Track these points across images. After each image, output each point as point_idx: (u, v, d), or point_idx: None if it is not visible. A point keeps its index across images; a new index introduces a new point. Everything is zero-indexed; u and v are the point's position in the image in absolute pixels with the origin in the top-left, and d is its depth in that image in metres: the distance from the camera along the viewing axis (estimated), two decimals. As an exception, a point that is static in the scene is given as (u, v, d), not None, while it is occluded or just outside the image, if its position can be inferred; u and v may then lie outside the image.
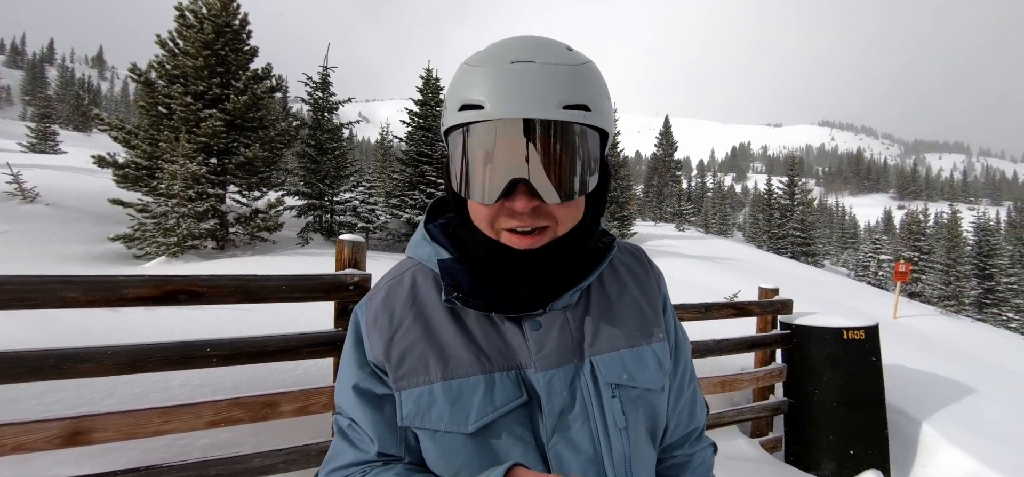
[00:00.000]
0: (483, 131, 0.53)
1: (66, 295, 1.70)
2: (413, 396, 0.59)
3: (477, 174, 0.54)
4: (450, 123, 0.56)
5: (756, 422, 3.43)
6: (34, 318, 2.73)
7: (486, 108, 0.52)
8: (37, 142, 22.15)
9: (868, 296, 11.49)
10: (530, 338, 0.60)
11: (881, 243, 30.40)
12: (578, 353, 0.61)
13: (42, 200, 7.53)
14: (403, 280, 0.66)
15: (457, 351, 0.59)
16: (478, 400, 0.57)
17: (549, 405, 0.58)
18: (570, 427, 0.59)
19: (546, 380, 0.59)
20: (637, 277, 0.71)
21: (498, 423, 0.57)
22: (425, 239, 0.67)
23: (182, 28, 7.95)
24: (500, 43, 0.57)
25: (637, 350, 0.64)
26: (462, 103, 0.54)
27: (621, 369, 0.62)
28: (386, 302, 0.64)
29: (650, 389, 0.64)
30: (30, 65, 75.17)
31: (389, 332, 0.61)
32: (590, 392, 0.60)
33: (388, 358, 0.60)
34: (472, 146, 0.54)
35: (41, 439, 1.70)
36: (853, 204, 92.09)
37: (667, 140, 35.90)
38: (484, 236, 0.60)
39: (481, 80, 0.53)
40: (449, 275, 0.61)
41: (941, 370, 4.81)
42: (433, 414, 0.58)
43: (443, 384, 0.58)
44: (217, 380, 2.39)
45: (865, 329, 3.27)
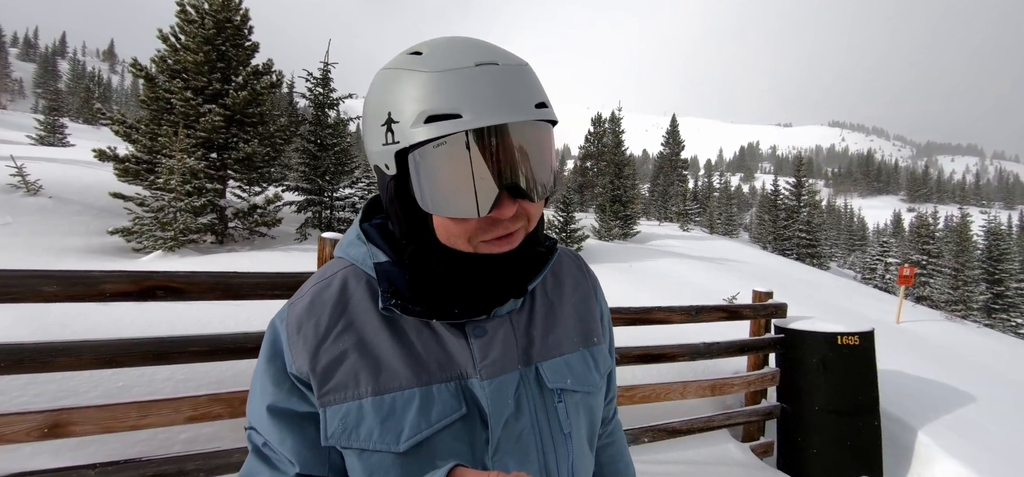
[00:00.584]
0: (464, 142, 0.48)
1: (44, 290, 1.70)
2: (340, 413, 0.54)
3: (463, 188, 0.49)
4: (413, 139, 0.49)
5: (747, 426, 3.39)
6: (26, 311, 2.76)
7: (465, 117, 0.47)
8: (45, 135, 22.43)
9: (872, 300, 11.36)
10: (474, 345, 0.57)
11: (889, 246, 30.05)
12: (524, 359, 0.59)
13: (45, 192, 7.61)
14: (332, 284, 0.60)
15: (391, 362, 0.55)
16: (412, 415, 0.54)
17: (495, 415, 0.56)
18: (516, 437, 0.57)
19: (493, 388, 0.56)
20: (576, 281, 0.71)
21: (433, 440, 0.54)
22: (360, 239, 0.62)
23: (183, 23, 7.99)
24: (441, 46, 0.51)
25: (580, 353, 0.64)
26: (433, 113, 0.48)
27: (566, 373, 0.62)
28: (311, 308, 0.58)
29: (590, 392, 0.64)
30: (42, 58, 76.12)
31: (314, 342, 0.56)
32: (536, 400, 0.59)
33: (313, 370, 0.55)
34: (453, 160, 0.48)
35: (21, 430, 1.71)
36: (862, 206, 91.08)
37: (674, 139, 35.67)
38: (450, 250, 0.55)
39: (449, 87, 0.48)
40: (386, 279, 0.57)
41: (942, 377, 4.73)
42: (361, 432, 0.54)
43: (373, 399, 0.54)
44: (200, 376, 2.39)
45: (860, 334, 3.23)
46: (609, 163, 22.05)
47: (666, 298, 6.20)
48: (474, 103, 0.48)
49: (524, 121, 0.50)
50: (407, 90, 0.50)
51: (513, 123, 0.49)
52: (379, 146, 0.53)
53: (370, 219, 0.66)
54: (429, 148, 0.49)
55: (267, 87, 8.50)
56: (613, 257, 10.84)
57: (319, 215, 10.23)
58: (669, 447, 2.99)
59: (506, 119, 0.49)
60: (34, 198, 7.42)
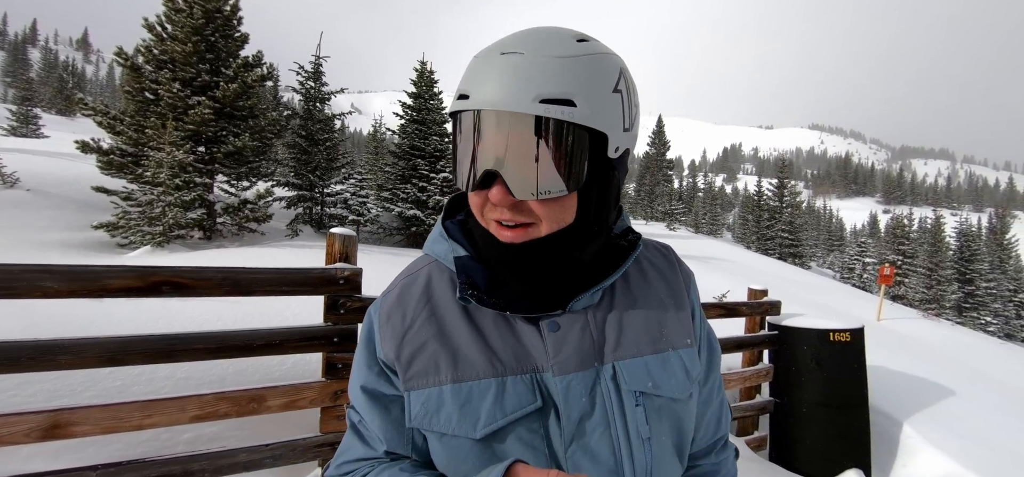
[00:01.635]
0: (466, 121, 0.53)
1: (45, 285, 1.65)
2: (422, 397, 0.58)
3: (462, 162, 0.55)
4: (451, 109, 0.56)
5: (742, 421, 3.47)
6: (18, 307, 2.66)
7: (470, 98, 0.52)
8: (18, 125, 21.59)
9: (853, 298, 11.69)
10: (548, 340, 0.58)
11: (866, 246, 30.94)
12: (599, 357, 0.58)
13: (22, 185, 7.34)
14: (417, 278, 0.65)
15: (469, 353, 0.58)
16: (488, 404, 0.55)
17: (567, 411, 0.56)
18: (589, 435, 0.56)
19: (565, 384, 0.56)
20: (665, 277, 0.67)
21: (508, 429, 0.55)
22: (442, 236, 0.65)
23: (171, 12, 7.77)
24: (510, 35, 0.56)
25: (663, 356, 0.61)
26: (458, 91, 0.55)
27: (646, 376, 0.59)
28: (399, 300, 0.63)
29: (675, 398, 0.61)
30: (12, 46, 73.07)
31: (401, 331, 0.61)
32: (611, 399, 0.57)
33: (399, 357, 0.60)
34: (459, 134, 0.55)
35: (18, 432, 1.65)
36: (840, 207, 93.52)
37: (659, 139, 36.08)
38: (485, 230, 0.59)
39: (471, 71, 0.54)
40: (465, 273, 0.60)
41: (922, 372, 4.91)
42: (441, 417, 0.57)
43: (453, 386, 0.57)
44: (202, 374, 2.35)
45: (850, 331, 3.33)
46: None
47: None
48: (478, 88, 0.52)
49: (516, 113, 0.49)
50: (465, 70, 0.56)
51: (502, 112, 0.50)
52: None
53: (451, 216, 0.69)
54: (454, 120, 0.56)
55: (258, 80, 8.33)
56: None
57: (310, 211, 10.07)
58: (668, 442, 3.04)
59: (495, 107, 0.50)
60: (11, 191, 7.15)
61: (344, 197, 10.37)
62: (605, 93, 0.53)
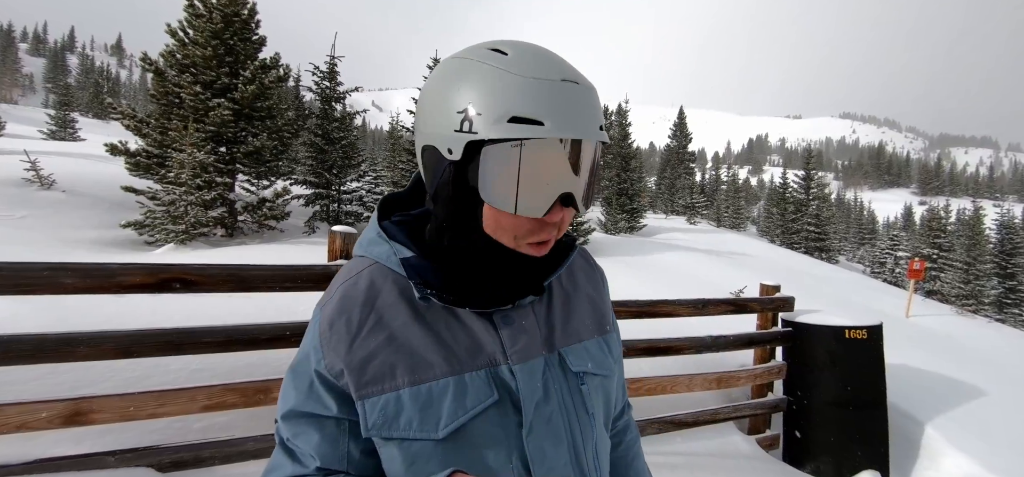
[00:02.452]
0: (540, 147, 0.52)
1: (63, 281, 1.75)
2: (379, 404, 0.57)
3: (527, 188, 0.53)
4: (497, 134, 0.52)
5: (753, 419, 3.40)
6: (42, 302, 2.82)
7: (546, 125, 0.51)
8: (57, 129, 22.69)
9: (881, 294, 11.26)
10: (503, 333, 0.60)
11: (899, 239, 29.66)
12: (547, 345, 0.63)
13: (58, 186, 7.74)
14: (358, 282, 0.62)
15: (424, 353, 0.58)
16: (448, 403, 0.56)
17: (528, 398, 0.59)
18: (547, 419, 0.60)
19: (524, 372, 0.59)
20: (586, 273, 0.75)
21: (469, 426, 0.57)
22: (381, 237, 0.64)
23: (192, 17, 8.04)
24: (527, 53, 0.55)
25: (597, 340, 0.69)
26: (516, 115, 0.51)
27: (586, 358, 0.66)
28: (342, 306, 0.60)
29: (607, 376, 0.69)
30: (51, 53, 76.87)
31: (348, 338, 0.58)
32: (561, 383, 0.62)
33: (348, 366, 0.58)
34: (527, 160, 0.52)
35: (43, 419, 1.76)
36: (872, 199, 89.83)
37: (681, 131, 35.34)
38: (491, 242, 0.59)
39: (536, 95, 0.52)
40: (416, 272, 0.60)
41: (950, 371, 4.70)
42: (401, 422, 0.56)
43: (411, 389, 0.57)
44: (213, 366, 2.44)
45: (868, 328, 3.22)
46: (615, 156, 21.93)
47: (672, 292, 6.19)
48: (556, 115, 0.52)
49: (590, 140, 0.54)
50: (494, 86, 0.53)
51: (584, 140, 0.54)
52: (448, 131, 0.54)
53: (387, 217, 0.68)
54: (507, 146, 0.52)
55: (275, 81, 8.54)
56: (619, 251, 10.82)
57: (327, 208, 10.30)
58: (675, 439, 3.01)
59: (580, 136, 0.53)
60: (48, 192, 7.55)
61: (360, 194, 10.55)
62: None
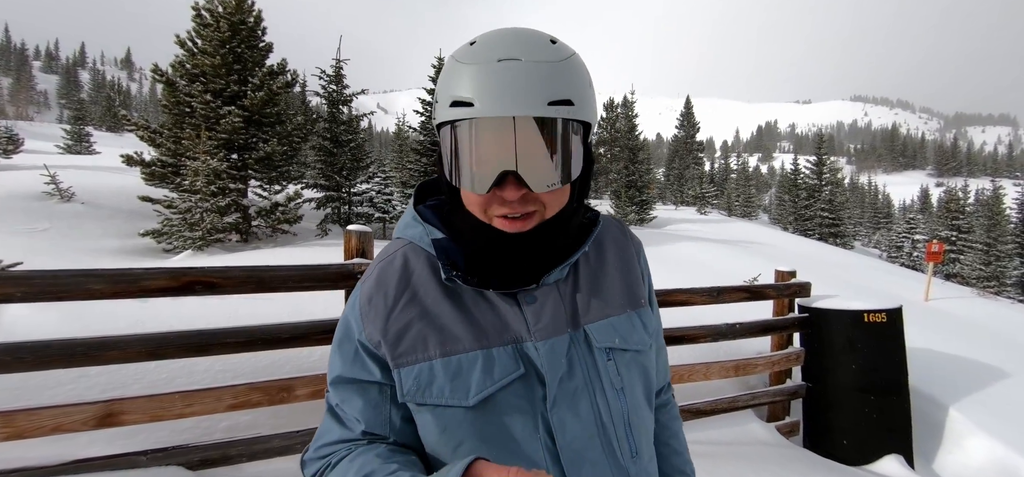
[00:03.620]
0: (473, 127, 0.56)
1: (91, 287, 1.80)
2: (413, 373, 0.61)
3: (468, 166, 0.57)
4: (441, 118, 0.58)
5: (772, 406, 3.38)
6: (68, 309, 2.90)
7: (476, 106, 0.54)
8: (73, 144, 23.19)
9: (899, 278, 11.06)
10: (527, 311, 0.63)
11: (916, 222, 29.06)
12: (573, 323, 0.65)
13: (78, 199, 7.93)
14: (394, 261, 0.67)
15: (454, 328, 0.61)
16: (477, 374, 0.60)
17: (550, 373, 0.61)
18: (570, 394, 0.62)
19: (546, 349, 0.62)
20: (619, 246, 0.75)
21: (497, 396, 0.60)
22: (416, 220, 0.69)
23: (199, 27, 8.16)
24: (487, 38, 0.58)
25: (626, 316, 0.69)
26: (452, 99, 0.56)
27: (613, 333, 0.67)
28: (379, 282, 0.65)
29: (640, 351, 0.69)
30: (64, 69, 78.48)
31: (384, 312, 0.63)
32: (586, 358, 0.64)
33: (385, 337, 0.62)
34: (462, 140, 0.56)
35: (77, 421, 1.82)
36: (887, 182, 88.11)
37: (688, 121, 35.00)
38: (477, 220, 0.62)
39: (470, 78, 0.55)
40: (445, 253, 0.64)
41: (972, 354, 4.62)
42: (434, 390, 0.60)
43: (442, 360, 0.60)
44: (237, 366, 2.49)
45: (887, 312, 3.17)
46: (623, 148, 21.79)
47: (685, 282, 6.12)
48: (486, 95, 0.54)
49: (529, 115, 0.54)
50: (449, 76, 0.58)
51: (519, 117, 0.54)
52: (436, 117, 0.61)
53: (423, 201, 0.72)
54: (449, 128, 0.58)
55: (282, 87, 8.64)
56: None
57: (338, 211, 10.40)
58: (693, 428, 3.00)
59: (510, 113, 0.54)
60: (68, 204, 7.74)
61: (370, 196, 10.64)
62: (588, 90, 0.61)
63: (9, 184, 7.99)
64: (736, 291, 3.17)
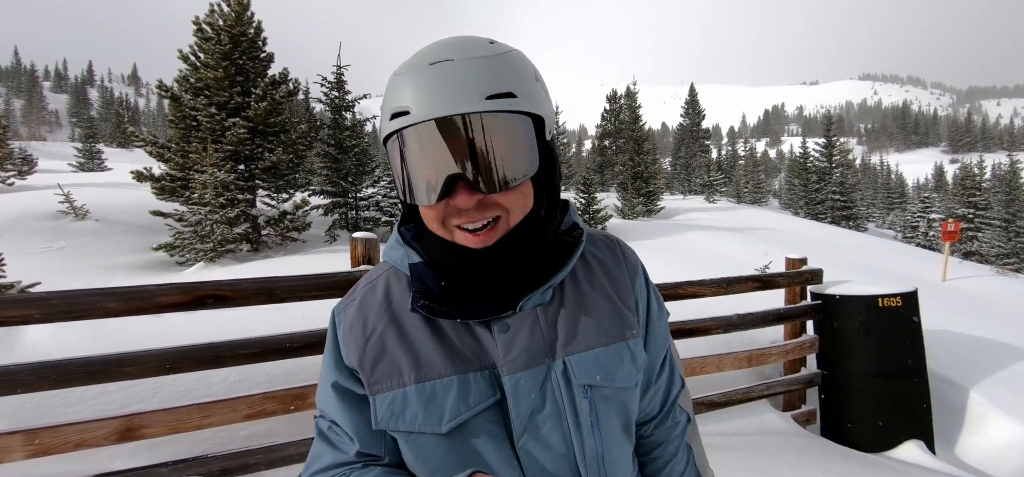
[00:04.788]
0: (413, 134, 0.54)
1: (106, 306, 1.83)
2: (387, 400, 0.60)
3: (417, 177, 0.55)
4: (385, 132, 0.56)
5: (787, 396, 3.34)
6: (86, 326, 2.96)
7: (412, 112, 0.53)
8: (85, 161, 23.62)
9: (915, 259, 10.87)
10: (498, 340, 0.60)
11: (931, 201, 28.52)
12: (550, 352, 0.60)
13: (91, 216, 8.08)
14: (376, 286, 0.67)
15: (429, 354, 0.60)
16: (451, 400, 0.58)
17: (516, 408, 0.58)
18: (540, 427, 0.59)
19: (512, 383, 0.58)
20: (609, 270, 0.69)
21: (472, 422, 0.58)
22: (398, 242, 0.67)
23: (201, 41, 8.25)
24: (423, 49, 0.57)
25: (614, 348, 0.63)
26: (392, 111, 0.54)
27: (596, 368, 0.62)
28: (360, 309, 0.65)
29: (623, 387, 0.64)
30: (73, 88, 79.82)
31: (362, 339, 0.62)
32: (561, 393, 0.60)
33: (362, 365, 0.62)
34: (407, 151, 0.55)
35: (99, 436, 1.85)
36: (899, 161, 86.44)
37: (693, 109, 34.62)
38: (442, 240, 0.60)
39: (405, 86, 0.54)
40: (418, 280, 0.62)
41: (992, 334, 4.52)
42: (407, 416, 0.59)
43: (416, 386, 0.59)
44: (252, 376, 2.53)
45: (902, 295, 3.12)
46: (627, 140, 21.64)
47: (695, 273, 6.09)
48: (419, 99, 0.52)
49: (469, 113, 0.51)
50: (388, 91, 0.57)
51: (456, 115, 0.51)
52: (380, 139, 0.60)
53: (407, 223, 0.69)
54: (394, 140, 0.56)
55: (285, 96, 8.71)
56: (637, 235, 10.71)
57: (345, 216, 10.47)
58: (709, 420, 2.98)
59: (446, 112, 0.51)
60: (82, 222, 7.89)
61: (376, 200, 10.70)
62: (532, 83, 0.58)
63: (26, 205, 8.17)
64: (746, 281, 3.14)
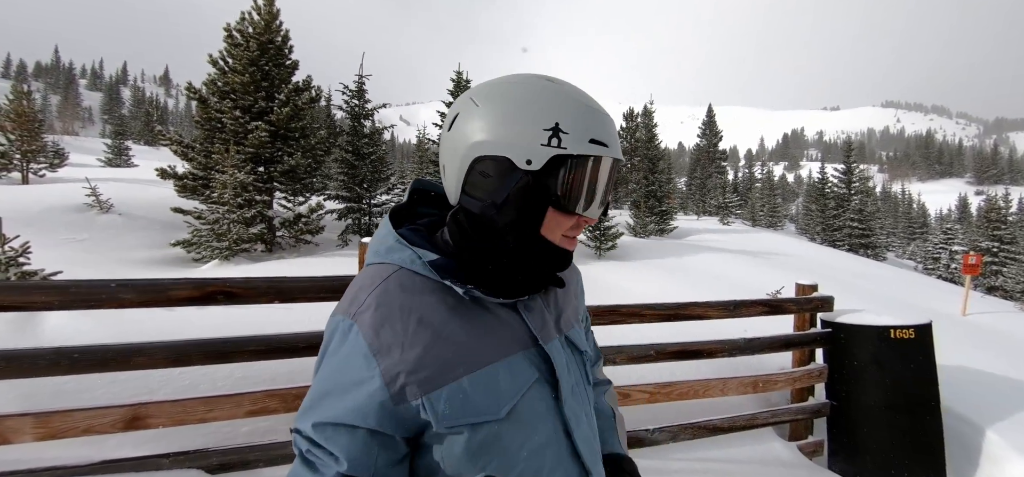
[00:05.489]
0: (605, 164, 0.66)
1: (122, 297, 1.90)
2: (444, 396, 0.59)
3: (592, 194, 0.66)
4: (583, 151, 0.64)
5: (794, 425, 3.27)
6: (103, 316, 3.05)
7: (609, 147, 0.65)
8: (113, 157, 24.41)
9: (935, 291, 10.56)
10: (528, 318, 0.69)
11: (954, 233, 27.73)
12: (557, 329, 0.74)
13: (115, 210, 8.36)
14: (389, 287, 0.63)
15: (471, 344, 0.63)
16: (504, 385, 0.63)
17: (561, 370, 0.69)
18: (571, 390, 0.71)
19: (554, 349, 0.70)
20: (572, 273, 0.86)
21: (520, 404, 0.64)
22: (401, 244, 0.67)
23: (230, 47, 8.55)
24: (577, 89, 0.68)
25: (579, 329, 0.82)
26: (591, 138, 0.64)
27: (581, 339, 0.79)
28: (383, 312, 0.61)
29: (587, 354, 0.82)
30: (107, 87, 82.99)
31: (400, 342, 0.59)
32: (572, 358, 0.74)
33: (405, 367, 0.59)
34: (597, 173, 0.65)
35: (106, 423, 1.91)
36: (922, 191, 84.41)
37: (710, 129, 34.45)
38: (545, 241, 0.67)
39: (599, 123, 0.65)
40: (449, 272, 0.66)
41: (1012, 372, 4.36)
42: (469, 408, 0.60)
43: (469, 377, 0.61)
44: (257, 374, 2.57)
45: (915, 327, 3.04)
46: (642, 158, 21.59)
47: (704, 294, 6.02)
48: (612, 141, 0.66)
49: (622, 161, 0.70)
50: (575, 112, 0.64)
51: (620, 160, 0.69)
52: (532, 143, 0.63)
53: (398, 227, 0.72)
54: (587, 160, 0.64)
55: (307, 102, 8.94)
56: (647, 253, 10.63)
57: (358, 221, 10.62)
58: (711, 445, 2.93)
59: (619, 156, 0.68)
60: (106, 215, 8.16)
61: (390, 207, 10.83)
62: None
63: (54, 197, 8.49)
64: (754, 305, 3.10)
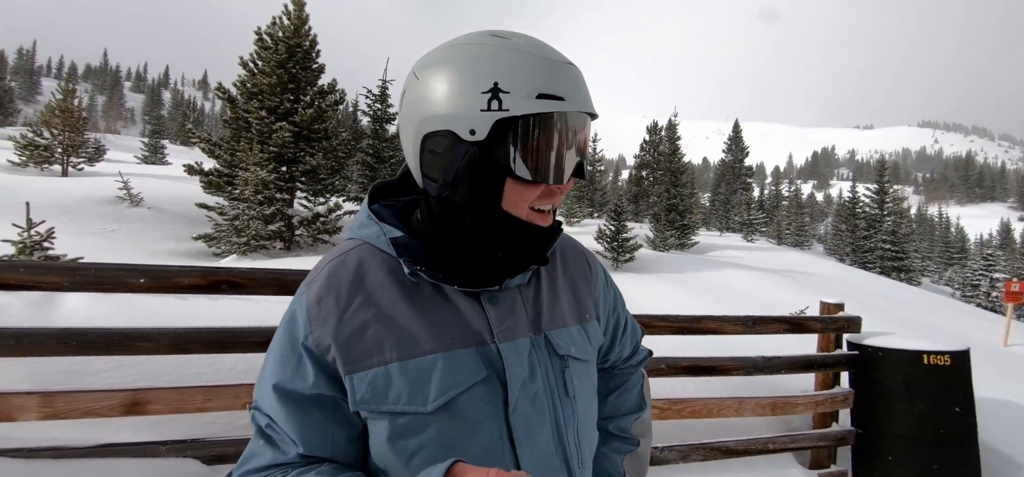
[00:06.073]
0: (562, 121, 0.57)
1: (131, 281, 1.92)
2: (367, 379, 0.57)
3: (553, 158, 0.57)
4: (528, 110, 0.54)
5: (815, 452, 3.08)
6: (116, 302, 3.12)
7: (567, 100, 0.56)
8: (149, 155, 25.55)
9: (974, 319, 9.97)
10: (490, 312, 0.62)
11: (995, 259, 26.31)
12: (534, 327, 0.65)
13: (145, 204, 8.70)
14: (346, 261, 0.63)
15: (413, 330, 0.59)
16: (437, 378, 0.57)
17: (514, 375, 0.60)
18: (532, 397, 0.62)
19: (509, 350, 0.61)
20: (577, 263, 0.78)
21: (458, 400, 0.57)
22: (371, 219, 0.65)
23: (260, 50, 8.85)
24: (534, 40, 0.59)
25: (580, 327, 0.71)
26: (540, 92, 0.55)
27: (570, 343, 0.68)
28: (330, 283, 0.60)
29: (589, 361, 0.72)
30: (149, 89, 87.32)
31: (336, 313, 0.58)
32: (547, 363, 0.65)
33: (336, 341, 0.57)
34: (553, 134, 0.57)
35: (107, 406, 1.92)
36: (961, 215, 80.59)
37: (736, 144, 33.79)
38: (507, 219, 0.60)
39: (553, 74, 0.56)
40: (405, 251, 0.61)
41: (1062, 409, 4.03)
42: (389, 395, 0.56)
43: (400, 364, 0.57)
44: (258, 366, 2.57)
45: (951, 354, 2.84)
46: (665, 171, 21.30)
47: (723, 310, 5.82)
48: (572, 92, 0.57)
49: (592, 113, 0.59)
50: (517, 67, 0.55)
51: (593, 113, 0.59)
52: (471, 111, 0.55)
53: (376, 202, 0.69)
54: (536, 120, 0.56)
55: (331, 105, 9.16)
56: (665, 267, 10.40)
57: (376, 223, 10.77)
58: (724, 468, 2.78)
59: (588, 110, 0.58)
60: (136, 209, 8.50)
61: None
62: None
63: (89, 189, 8.90)
64: (774, 321, 2.95)
